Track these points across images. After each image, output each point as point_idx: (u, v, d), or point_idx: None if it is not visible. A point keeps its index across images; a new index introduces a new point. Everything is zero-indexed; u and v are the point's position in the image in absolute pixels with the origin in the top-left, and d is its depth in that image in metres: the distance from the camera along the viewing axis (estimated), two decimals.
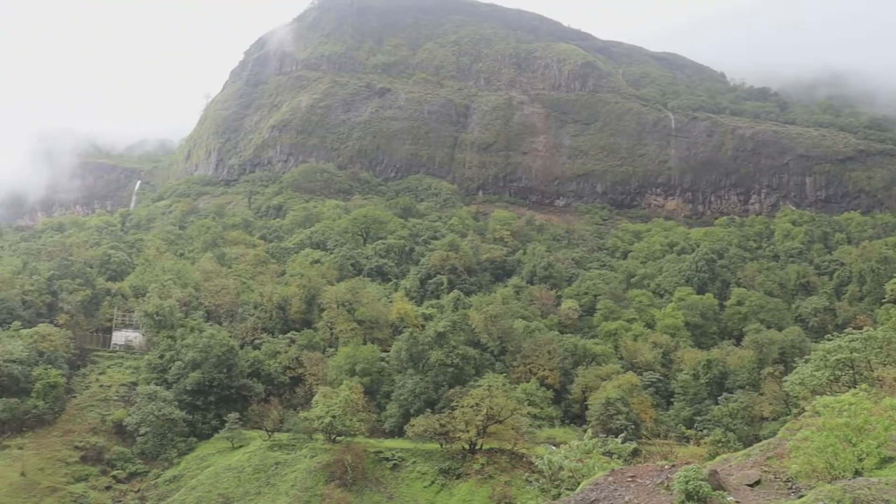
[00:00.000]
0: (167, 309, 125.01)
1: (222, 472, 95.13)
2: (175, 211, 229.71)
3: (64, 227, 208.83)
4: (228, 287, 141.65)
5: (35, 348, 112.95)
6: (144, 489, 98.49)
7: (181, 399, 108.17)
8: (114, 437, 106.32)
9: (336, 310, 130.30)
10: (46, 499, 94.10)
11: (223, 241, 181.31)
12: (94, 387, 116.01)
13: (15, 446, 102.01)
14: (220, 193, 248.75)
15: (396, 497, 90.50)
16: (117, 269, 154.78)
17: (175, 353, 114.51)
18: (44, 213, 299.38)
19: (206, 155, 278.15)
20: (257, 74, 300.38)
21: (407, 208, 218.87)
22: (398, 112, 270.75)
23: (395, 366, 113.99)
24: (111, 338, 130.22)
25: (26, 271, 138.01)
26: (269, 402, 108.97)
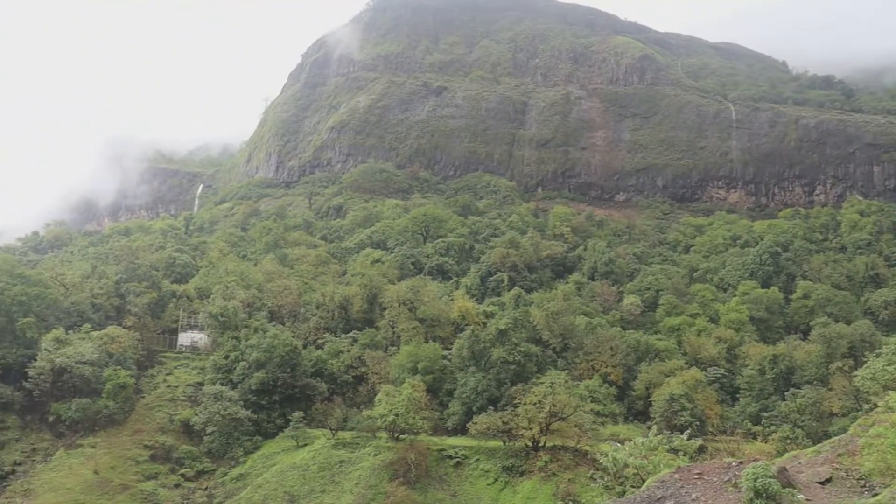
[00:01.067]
0: (231, 310, 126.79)
1: (287, 471, 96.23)
2: (237, 213, 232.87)
3: (130, 232, 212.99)
4: (291, 287, 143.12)
5: (105, 350, 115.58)
6: (212, 487, 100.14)
7: (246, 399, 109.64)
8: (182, 436, 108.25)
9: (397, 309, 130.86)
10: (118, 496, 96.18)
11: (285, 242, 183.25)
12: (162, 387, 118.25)
13: (88, 445, 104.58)
14: (281, 195, 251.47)
15: (460, 495, 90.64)
16: (182, 271, 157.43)
17: (239, 353, 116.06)
18: (110, 218, 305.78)
19: (267, 157, 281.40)
20: (315, 76, 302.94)
21: (466, 206, 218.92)
22: (455, 110, 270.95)
23: (457, 364, 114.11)
24: (177, 339, 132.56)
25: (95, 275, 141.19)
26: (333, 401, 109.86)
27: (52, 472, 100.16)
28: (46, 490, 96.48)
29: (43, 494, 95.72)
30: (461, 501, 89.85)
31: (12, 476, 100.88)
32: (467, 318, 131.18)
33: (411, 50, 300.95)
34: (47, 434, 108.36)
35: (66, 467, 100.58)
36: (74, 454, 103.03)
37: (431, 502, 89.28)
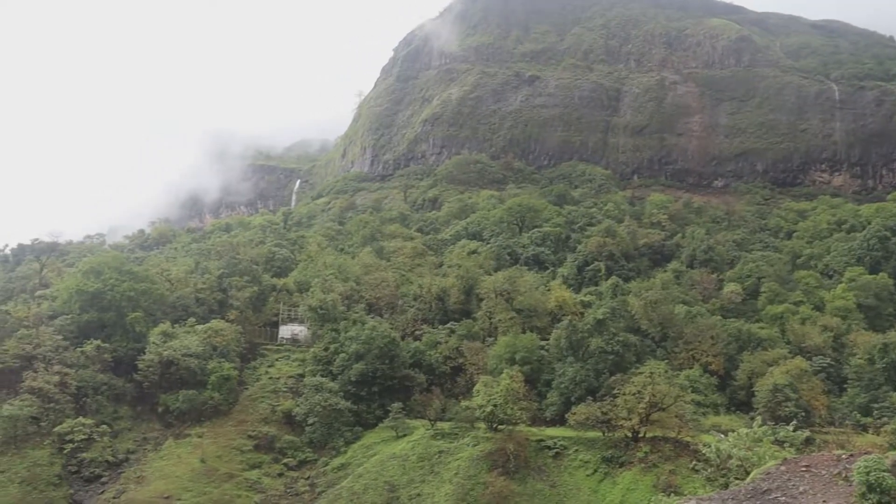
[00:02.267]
0: (330, 303, 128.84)
1: (387, 461, 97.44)
2: (334, 207, 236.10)
3: (231, 228, 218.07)
4: (388, 280, 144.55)
5: (209, 343, 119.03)
6: (314, 476, 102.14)
7: (346, 390, 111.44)
8: (284, 426, 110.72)
9: (494, 299, 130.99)
10: (224, 484, 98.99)
11: (381, 235, 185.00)
12: (264, 379, 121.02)
13: (195, 435, 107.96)
14: (377, 189, 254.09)
15: (559, 485, 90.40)
16: (281, 265, 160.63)
17: (339, 345, 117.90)
18: (212, 214, 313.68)
19: (362, 152, 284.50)
20: (407, 70, 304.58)
21: (561, 195, 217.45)
22: (548, 99, 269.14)
23: (554, 354, 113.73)
24: (278, 332, 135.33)
25: (198, 270, 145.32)
26: (431, 392, 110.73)
27: (162, 460, 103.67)
28: (157, 477, 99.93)
29: (154, 481, 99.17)
30: (560, 492, 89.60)
31: (126, 463, 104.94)
32: (564, 308, 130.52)
33: (502, 40, 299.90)
34: (157, 424, 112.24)
35: (175, 456, 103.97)
36: (182, 443, 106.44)
37: (530, 493, 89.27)
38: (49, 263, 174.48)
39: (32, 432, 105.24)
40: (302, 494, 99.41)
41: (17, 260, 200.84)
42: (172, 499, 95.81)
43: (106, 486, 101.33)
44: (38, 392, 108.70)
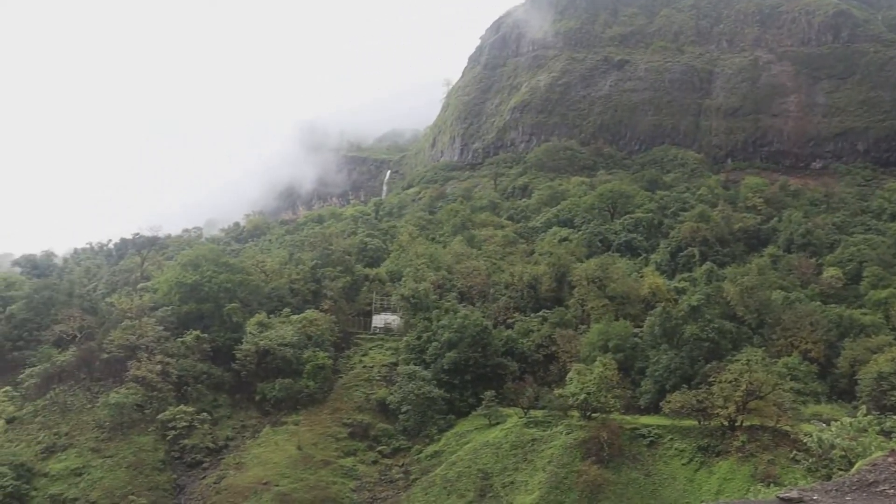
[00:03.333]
0: (422, 292, 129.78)
1: (481, 449, 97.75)
2: (424, 197, 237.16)
3: (323, 219, 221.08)
4: (479, 268, 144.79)
5: (304, 332, 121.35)
6: (408, 464, 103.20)
7: (439, 378, 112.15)
8: (378, 414, 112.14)
9: (586, 287, 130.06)
10: (320, 471, 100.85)
11: (472, 223, 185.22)
12: (358, 367, 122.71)
13: (291, 423, 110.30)
14: (466, 177, 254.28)
15: (654, 474, 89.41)
16: (373, 255, 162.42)
17: (431, 334, 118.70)
18: (304, 206, 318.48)
19: (451, 141, 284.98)
20: (495, 58, 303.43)
21: (653, 181, 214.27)
22: (638, 83, 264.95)
23: (648, 341, 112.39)
24: (371, 321, 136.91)
25: (292, 262, 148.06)
26: (524, 380, 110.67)
27: (260, 447, 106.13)
28: (255, 464, 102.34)
29: (252, 468, 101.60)
30: (655, 481, 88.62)
31: (225, 450, 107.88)
32: (658, 295, 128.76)
33: (590, 24, 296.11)
34: (254, 412, 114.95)
35: (273, 443, 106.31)
36: (279, 431, 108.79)
37: (625, 482, 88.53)
38: (149, 257, 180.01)
39: (137, 419, 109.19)
40: (396, 482, 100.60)
41: (120, 254, 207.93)
42: (270, 485, 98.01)
43: (207, 472, 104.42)
44: (141, 381, 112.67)
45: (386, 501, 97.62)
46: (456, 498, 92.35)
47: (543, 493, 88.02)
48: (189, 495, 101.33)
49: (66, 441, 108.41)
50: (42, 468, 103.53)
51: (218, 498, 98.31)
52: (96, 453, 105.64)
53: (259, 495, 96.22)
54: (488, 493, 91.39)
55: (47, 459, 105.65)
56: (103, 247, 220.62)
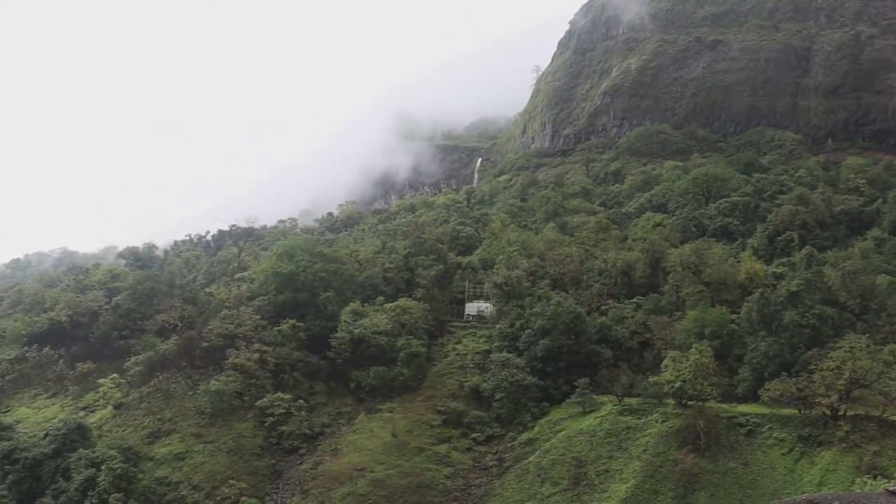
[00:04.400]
0: (515, 279, 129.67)
1: (575, 436, 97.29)
2: (515, 184, 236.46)
3: (415, 208, 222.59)
4: (572, 255, 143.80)
5: (397, 321, 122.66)
6: (502, 451, 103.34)
7: (532, 365, 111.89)
8: (471, 402, 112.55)
9: (681, 273, 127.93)
10: (415, 458, 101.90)
11: (564, 210, 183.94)
12: (452, 355, 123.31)
13: (386, 410, 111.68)
14: (558, 164, 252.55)
15: (752, 464, 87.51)
16: (466, 243, 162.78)
17: (524, 321, 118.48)
18: (396, 196, 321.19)
19: (541, 127, 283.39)
20: (584, 42, 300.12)
21: (749, 163, 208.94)
22: (732, 63, 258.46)
23: (745, 328, 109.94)
24: (464, 309, 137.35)
25: (385, 250, 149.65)
26: (618, 367, 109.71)
27: (355, 434, 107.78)
28: (351, 450, 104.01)
29: (348, 454, 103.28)
30: (753, 471, 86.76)
31: (321, 436, 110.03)
32: (755, 281, 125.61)
33: (682, 5, 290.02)
34: (350, 399, 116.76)
35: (368, 430, 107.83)
36: (374, 418, 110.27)
37: (722, 471, 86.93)
38: (246, 248, 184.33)
39: (237, 406, 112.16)
40: (490, 469, 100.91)
41: (218, 245, 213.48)
42: (366, 471, 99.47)
43: (304, 458, 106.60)
44: (240, 369, 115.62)
45: (480, 488, 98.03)
46: (550, 486, 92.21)
47: (638, 481, 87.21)
48: (287, 480, 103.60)
49: (170, 426, 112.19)
50: (147, 452, 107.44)
51: (314, 483, 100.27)
52: (198, 438, 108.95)
53: (354, 481, 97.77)
54: (582, 482, 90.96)
55: (152, 444, 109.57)
56: (202, 238, 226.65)
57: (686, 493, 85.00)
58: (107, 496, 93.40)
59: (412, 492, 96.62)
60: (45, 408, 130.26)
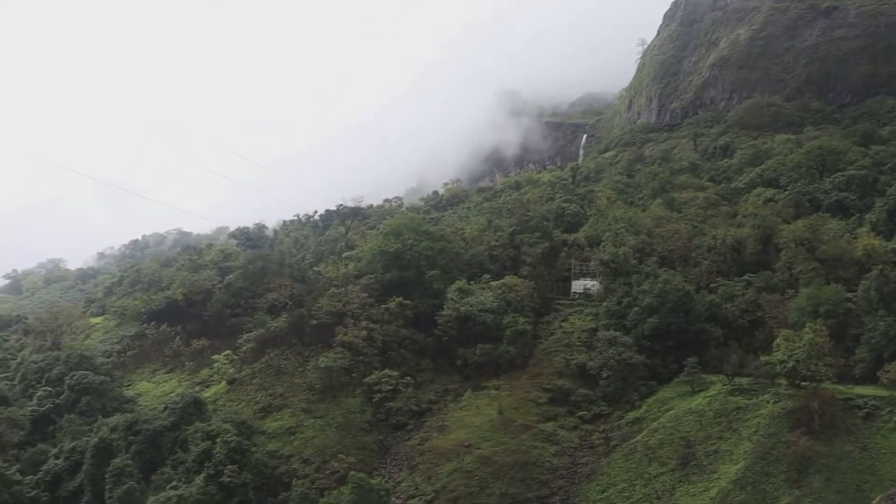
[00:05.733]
0: (621, 256, 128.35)
1: (683, 416, 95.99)
2: (621, 160, 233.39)
3: (520, 185, 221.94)
4: (680, 232, 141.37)
5: (503, 298, 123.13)
6: (608, 430, 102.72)
7: (640, 344, 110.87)
8: (578, 380, 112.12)
9: (794, 249, 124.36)
10: (521, 435, 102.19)
11: (671, 186, 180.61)
12: (558, 333, 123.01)
13: (492, 387, 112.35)
14: (665, 139, 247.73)
15: (870, 448, 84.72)
16: (571, 220, 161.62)
17: (632, 299, 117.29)
18: (501, 174, 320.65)
19: (647, 102, 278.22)
20: (691, 14, 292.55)
21: (867, 135, 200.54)
22: (849, 31, 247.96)
23: (863, 307, 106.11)
24: (570, 286, 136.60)
25: (491, 228, 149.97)
26: (728, 346, 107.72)
27: (462, 410, 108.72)
28: (457, 427, 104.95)
29: (455, 430, 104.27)
30: (871, 455, 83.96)
31: (428, 413, 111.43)
32: (873, 258, 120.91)
33: None
34: (456, 376, 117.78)
35: (474, 407, 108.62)
36: (480, 395, 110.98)
37: (837, 455, 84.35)
38: (353, 227, 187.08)
39: (345, 382, 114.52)
40: (596, 447, 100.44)
41: (326, 225, 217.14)
42: (472, 447, 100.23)
43: (411, 434, 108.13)
44: (348, 346, 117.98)
45: (586, 467, 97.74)
46: (658, 465, 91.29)
47: (749, 463, 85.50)
48: (394, 456, 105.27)
49: (281, 402, 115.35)
50: (260, 426, 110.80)
51: (421, 459, 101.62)
52: (308, 414, 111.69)
53: (461, 457, 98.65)
54: (691, 462, 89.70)
55: (264, 418, 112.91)
56: (310, 218, 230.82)
57: (799, 476, 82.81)
58: (222, 467, 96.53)
59: (518, 469, 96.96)
60: (164, 382, 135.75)
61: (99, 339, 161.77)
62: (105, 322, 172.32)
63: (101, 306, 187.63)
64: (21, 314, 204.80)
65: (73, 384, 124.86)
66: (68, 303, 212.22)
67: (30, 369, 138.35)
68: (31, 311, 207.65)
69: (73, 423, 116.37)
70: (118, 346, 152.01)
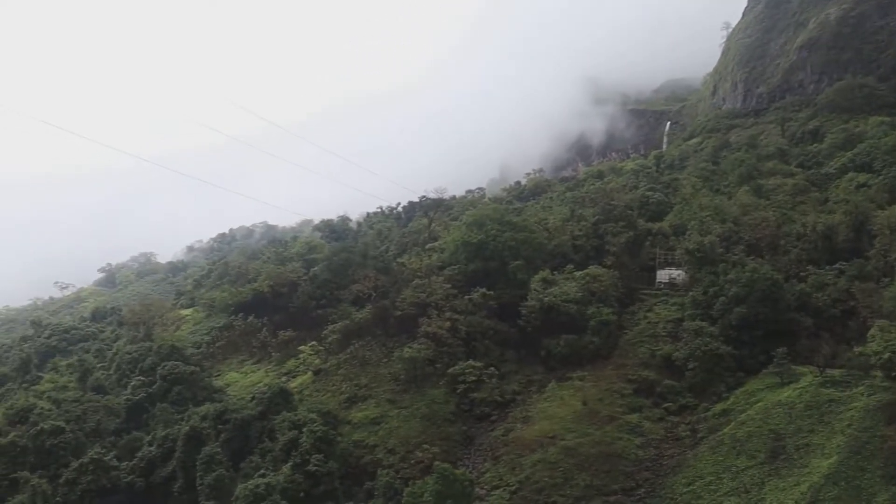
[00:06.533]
0: (707, 245, 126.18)
1: (772, 408, 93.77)
2: (706, 147, 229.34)
3: (603, 175, 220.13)
4: (768, 219, 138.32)
5: (587, 289, 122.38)
6: (695, 422, 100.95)
7: (727, 334, 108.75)
8: (663, 371, 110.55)
9: (889, 236, 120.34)
10: (606, 427, 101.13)
11: (758, 172, 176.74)
12: (643, 323, 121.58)
13: (576, 378, 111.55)
14: (751, 124, 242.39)
15: None
16: (656, 209, 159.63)
17: (718, 288, 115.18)
18: (583, 163, 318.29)
19: (733, 87, 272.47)
20: None
21: None
22: None
23: None
24: (655, 276, 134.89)
25: (574, 218, 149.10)
26: (819, 337, 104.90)
27: (546, 401, 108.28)
28: (541, 418, 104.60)
29: (539, 422, 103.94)
30: None
31: (512, 404, 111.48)
32: None
33: None
34: (540, 367, 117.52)
35: (558, 398, 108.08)
36: (564, 386, 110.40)
37: None
38: (436, 218, 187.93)
39: (429, 373, 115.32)
40: (682, 439, 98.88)
41: (409, 216, 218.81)
42: (556, 438, 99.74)
43: (495, 425, 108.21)
44: (432, 336, 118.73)
45: (672, 459, 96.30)
46: (746, 458, 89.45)
47: (842, 457, 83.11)
48: (478, 446, 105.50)
49: (366, 392, 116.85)
50: (345, 416, 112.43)
51: (506, 450, 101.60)
52: (392, 404, 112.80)
53: (545, 448, 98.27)
54: (780, 455, 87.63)
55: (349, 408, 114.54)
56: (392, 210, 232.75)
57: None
58: (308, 456, 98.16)
59: (603, 460, 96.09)
60: (251, 372, 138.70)
61: (189, 330, 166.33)
62: (194, 314, 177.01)
63: (190, 298, 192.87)
64: (115, 306, 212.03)
65: (164, 374, 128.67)
66: (159, 295, 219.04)
67: (124, 360, 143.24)
68: (125, 304, 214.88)
69: (165, 411, 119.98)
70: (207, 338, 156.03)
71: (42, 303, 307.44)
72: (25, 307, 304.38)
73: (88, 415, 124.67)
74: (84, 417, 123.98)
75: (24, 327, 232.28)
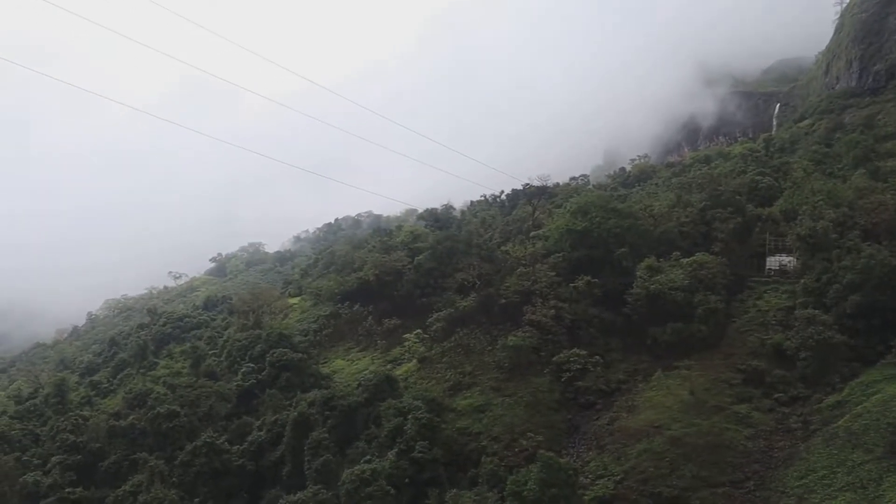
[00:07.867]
0: (820, 231, 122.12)
1: (891, 401, 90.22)
2: (819, 129, 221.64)
3: (710, 159, 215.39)
4: (886, 203, 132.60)
5: (694, 276, 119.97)
6: (807, 413, 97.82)
7: (841, 323, 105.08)
8: (773, 360, 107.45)
9: None
10: (713, 417, 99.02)
11: (875, 154, 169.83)
12: (752, 311, 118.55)
13: (683, 367, 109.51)
14: (867, 104, 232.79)
15: None
16: (765, 194, 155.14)
17: (832, 275, 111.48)
18: (690, 147, 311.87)
19: (847, 65, 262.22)
20: None
21: None
22: None
23: None
24: (764, 263, 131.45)
25: (680, 204, 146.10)
26: None
27: (652, 391, 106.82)
28: (647, 407, 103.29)
29: (644, 411, 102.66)
30: None
31: (617, 392, 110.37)
32: None
33: None
34: (645, 356, 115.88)
35: (664, 387, 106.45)
36: (671, 375, 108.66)
37: None
38: (539, 206, 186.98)
39: (534, 361, 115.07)
40: (794, 431, 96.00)
41: (512, 204, 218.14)
42: (662, 428, 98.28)
43: (600, 413, 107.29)
44: (536, 324, 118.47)
45: (783, 451, 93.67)
46: (862, 452, 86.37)
47: None
48: (583, 435, 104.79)
49: (470, 380, 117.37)
50: (449, 404, 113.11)
51: (611, 439, 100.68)
52: (496, 392, 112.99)
53: (651, 438, 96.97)
54: None
55: (454, 396, 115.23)
56: (496, 198, 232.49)
57: None
58: (413, 443, 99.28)
59: (710, 451, 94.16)
60: (357, 360, 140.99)
61: (296, 318, 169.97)
62: (301, 302, 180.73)
63: (297, 287, 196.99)
64: (226, 295, 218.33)
65: (273, 361, 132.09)
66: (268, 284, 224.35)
67: (235, 347, 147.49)
68: (235, 293, 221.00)
69: (274, 397, 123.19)
70: (314, 326, 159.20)
71: (157, 292, 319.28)
72: (142, 296, 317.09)
73: (201, 400, 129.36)
74: (197, 402, 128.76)
75: (141, 315, 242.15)
